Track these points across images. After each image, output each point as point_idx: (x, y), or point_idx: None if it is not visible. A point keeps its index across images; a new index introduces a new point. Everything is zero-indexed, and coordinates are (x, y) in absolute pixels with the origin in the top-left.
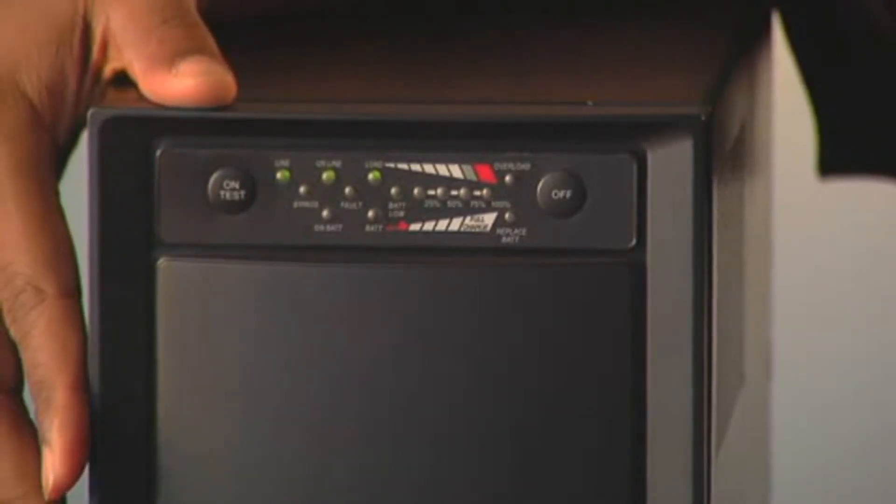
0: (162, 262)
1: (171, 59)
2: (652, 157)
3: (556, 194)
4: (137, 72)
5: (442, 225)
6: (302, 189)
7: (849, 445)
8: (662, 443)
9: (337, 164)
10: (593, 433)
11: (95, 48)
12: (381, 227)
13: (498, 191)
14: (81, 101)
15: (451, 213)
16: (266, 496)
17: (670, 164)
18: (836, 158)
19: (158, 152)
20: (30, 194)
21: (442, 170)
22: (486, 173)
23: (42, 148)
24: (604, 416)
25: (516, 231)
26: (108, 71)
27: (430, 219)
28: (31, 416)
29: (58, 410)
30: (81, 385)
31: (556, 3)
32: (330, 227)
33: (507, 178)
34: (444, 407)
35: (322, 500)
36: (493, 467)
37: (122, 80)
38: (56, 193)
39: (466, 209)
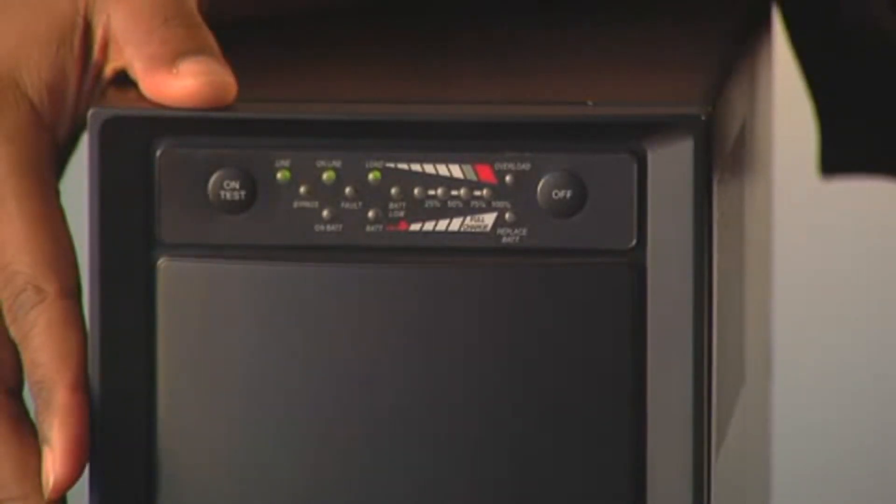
0: (162, 262)
1: (171, 59)
2: (652, 157)
3: (556, 194)
4: (138, 71)
5: (442, 225)
6: (302, 189)
7: (849, 445)
8: (662, 443)
9: (337, 164)
10: (593, 432)
11: (96, 47)
12: (381, 227)
13: (498, 191)
14: (82, 101)
15: (451, 213)
16: (266, 496)
17: (670, 164)
18: (837, 158)
19: (158, 152)
20: (30, 194)
21: (442, 170)
22: (486, 173)
23: (42, 148)
24: (604, 416)
25: (516, 231)
26: (108, 70)
27: (430, 219)
28: (31, 416)
29: (58, 410)
30: (81, 385)
31: (556, 3)
32: (330, 227)
33: (508, 178)
34: (445, 407)
35: (322, 500)
36: (494, 467)
37: (123, 79)
38: (56, 193)
39: (467, 209)
